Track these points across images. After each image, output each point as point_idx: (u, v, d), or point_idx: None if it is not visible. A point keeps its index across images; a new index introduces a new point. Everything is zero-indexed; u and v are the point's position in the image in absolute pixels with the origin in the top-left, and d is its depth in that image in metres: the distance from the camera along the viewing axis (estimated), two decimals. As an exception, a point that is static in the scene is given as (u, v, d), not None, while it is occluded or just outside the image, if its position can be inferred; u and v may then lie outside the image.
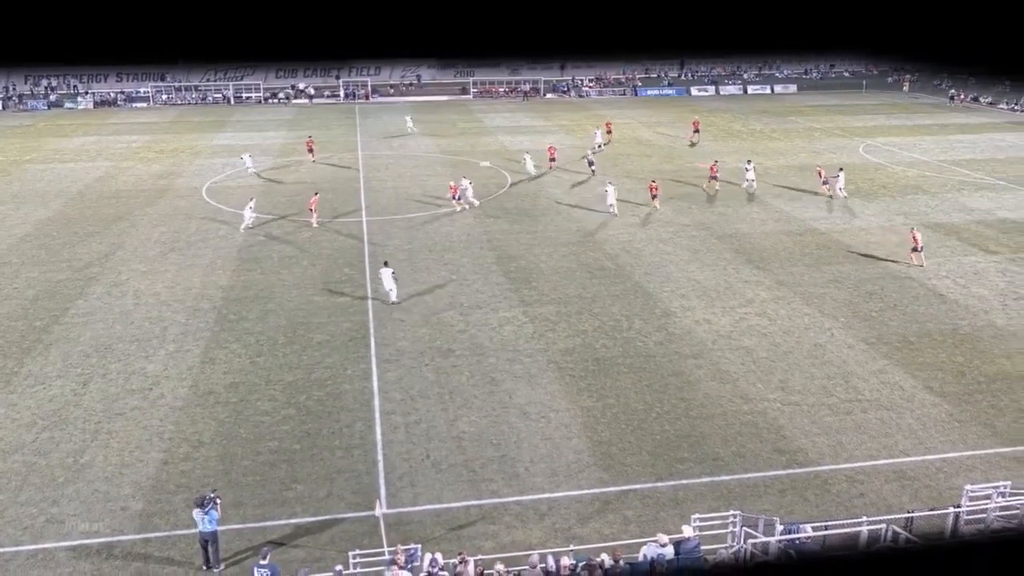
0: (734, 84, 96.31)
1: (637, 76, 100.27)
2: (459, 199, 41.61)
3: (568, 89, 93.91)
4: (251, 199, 40.10)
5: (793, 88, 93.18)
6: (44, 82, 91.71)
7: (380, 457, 20.25)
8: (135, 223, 39.60)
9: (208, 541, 16.24)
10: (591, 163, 49.37)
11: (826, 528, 15.99)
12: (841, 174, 43.58)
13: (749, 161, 46.46)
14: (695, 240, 36.84)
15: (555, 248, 35.82)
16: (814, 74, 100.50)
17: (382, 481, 19.31)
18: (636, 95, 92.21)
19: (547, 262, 34.05)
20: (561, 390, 23.50)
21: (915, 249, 33.11)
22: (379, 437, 21.10)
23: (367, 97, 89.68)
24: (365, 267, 33.37)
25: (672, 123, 70.01)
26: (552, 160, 50.25)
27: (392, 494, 18.83)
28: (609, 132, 61.28)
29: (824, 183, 43.75)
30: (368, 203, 43.20)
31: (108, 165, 52.16)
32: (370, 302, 29.76)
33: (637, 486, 19.14)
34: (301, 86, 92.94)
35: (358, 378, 24.19)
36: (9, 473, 19.47)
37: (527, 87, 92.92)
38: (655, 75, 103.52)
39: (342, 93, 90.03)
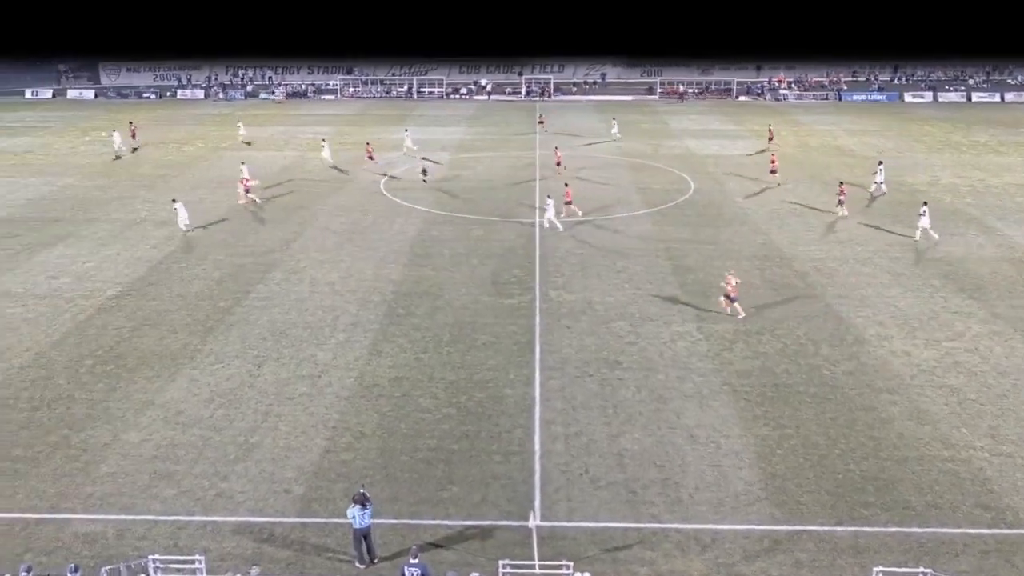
0: (956, 91, 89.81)
1: (843, 79, 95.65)
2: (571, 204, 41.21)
3: (763, 91, 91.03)
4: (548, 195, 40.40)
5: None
6: (243, 73, 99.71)
7: (537, 467, 20.44)
8: (316, 213, 42.20)
9: (365, 536, 16.99)
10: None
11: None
12: None
13: (880, 163, 45.77)
14: (898, 262, 34.64)
15: (738, 261, 34.78)
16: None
17: (537, 492, 19.48)
18: (840, 100, 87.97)
19: (728, 276, 33.11)
20: (734, 415, 22.78)
21: None
22: (538, 446, 21.31)
23: (547, 94, 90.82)
24: (535, 270, 33.84)
25: (880, 132, 66.29)
26: (774, 172, 48.04)
27: (547, 506, 18.95)
28: (771, 139, 59.37)
29: None
30: (542, 204, 43.71)
31: (295, 155, 55.89)
32: (538, 306, 30.14)
33: (813, 527, 18.22)
34: (483, 82, 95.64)
35: (520, 383, 24.55)
36: (187, 445, 21.29)
37: (682, 88, 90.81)
38: (863, 78, 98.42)
39: (523, 90, 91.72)
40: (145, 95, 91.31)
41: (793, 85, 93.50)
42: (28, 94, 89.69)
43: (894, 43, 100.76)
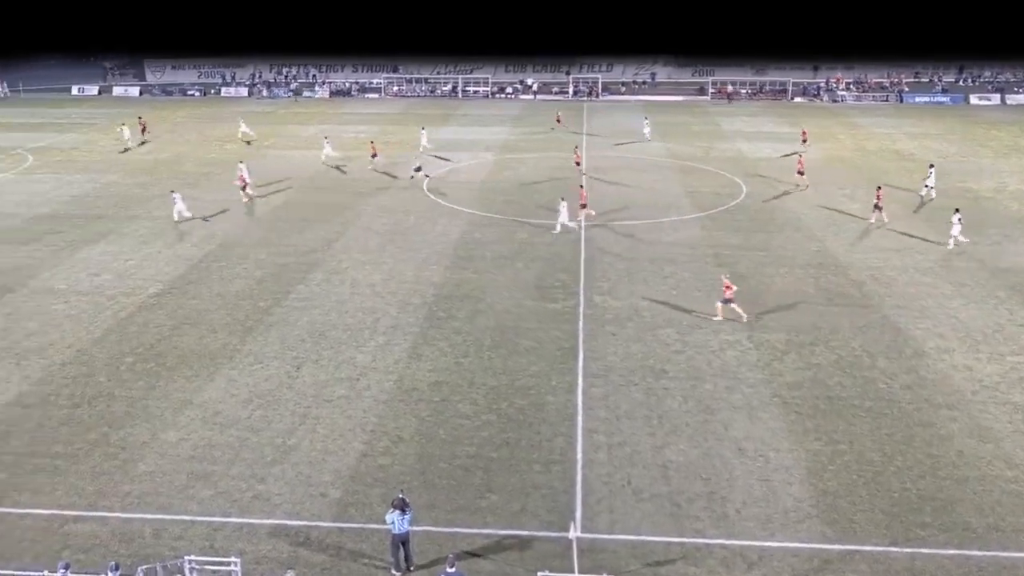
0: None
1: (904, 80, 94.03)
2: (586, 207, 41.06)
3: (819, 92, 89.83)
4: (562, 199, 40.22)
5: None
6: (287, 71, 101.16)
7: (579, 477, 20.39)
8: (359, 213, 42.64)
9: (403, 542, 17.09)
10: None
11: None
12: None
13: (931, 165, 45.55)
14: (962, 272, 33.92)
15: (790, 269, 34.37)
16: None
17: (579, 502, 19.43)
18: (901, 102, 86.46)
19: (780, 283, 32.76)
20: (784, 428, 22.49)
21: None
22: (580, 456, 21.26)
23: (594, 94, 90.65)
24: (580, 274, 33.78)
25: (943, 135, 65.05)
26: (801, 173, 47.81)
27: (588, 518, 18.89)
28: (804, 141, 59.14)
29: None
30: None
31: (338, 155, 56.48)
32: (582, 312, 30.08)
33: (866, 547, 17.91)
34: (529, 81, 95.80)
35: (563, 390, 24.52)
36: (224, 446, 21.63)
37: (730, 88, 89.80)
38: (926, 79, 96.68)
39: (571, 90, 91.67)
40: (189, 92, 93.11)
41: (852, 86, 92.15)
42: (75, 91, 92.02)
43: (960, 43, 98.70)
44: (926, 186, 44.87)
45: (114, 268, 34.47)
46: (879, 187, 41.69)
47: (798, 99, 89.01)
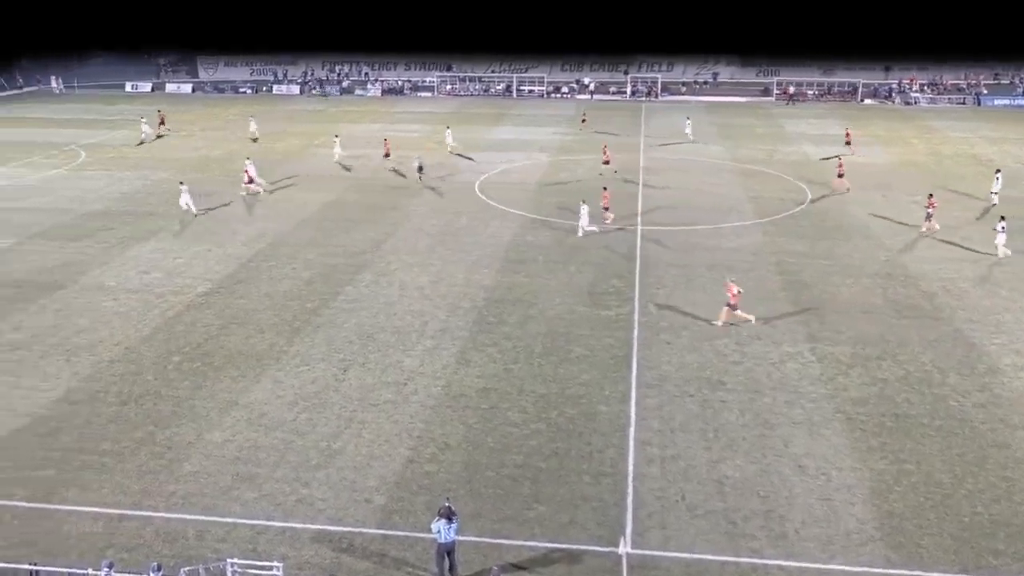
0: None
1: (983, 81, 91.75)
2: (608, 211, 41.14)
3: (891, 94, 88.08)
4: (583, 202, 40.13)
5: None
6: (339, 68, 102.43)
7: (630, 490, 20.25)
8: (408, 214, 42.97)
9: (449, 552, 17.14)
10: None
11: None
12: None
13: (998, 171, 45.31)
14: (1041, 285, 32.97)
15: (857, 279, 33.73)
16: None
17: (629, 517, 19.29)
18: (978, 104, 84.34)
19: (846, 294, 32.17)
20: (848, 445, 22.06)
21: None
22: (631, 468, 21.11)
23: (653, 94, 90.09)
24: (635, 280, 33.58)
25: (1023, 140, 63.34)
26: (841, 176, 47.37)
27: (639, 533, 18.74)
28: (848, 143, 58.37)
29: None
30: (645, 211, 43.45)
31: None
32: (636, 319, 29.89)
33: (933, 574, 17.46)
34: (586, 81, 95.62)
35: (615, 400, 24.38)
36: (269, 448, 21.94)
37: (792, 88, 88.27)
38: (1006, 81, 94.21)
39: (628, 90, 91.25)
40: (241, 90, 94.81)
41: (926, 87, 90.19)
42: (128, 87, 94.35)
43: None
44: (993, 192, 44.39)
45: (163, 266, 35.24)
46: (930, 194, 40.91)
47: (868, 101, 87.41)
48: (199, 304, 31.32)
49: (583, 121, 69.89)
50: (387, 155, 54.66)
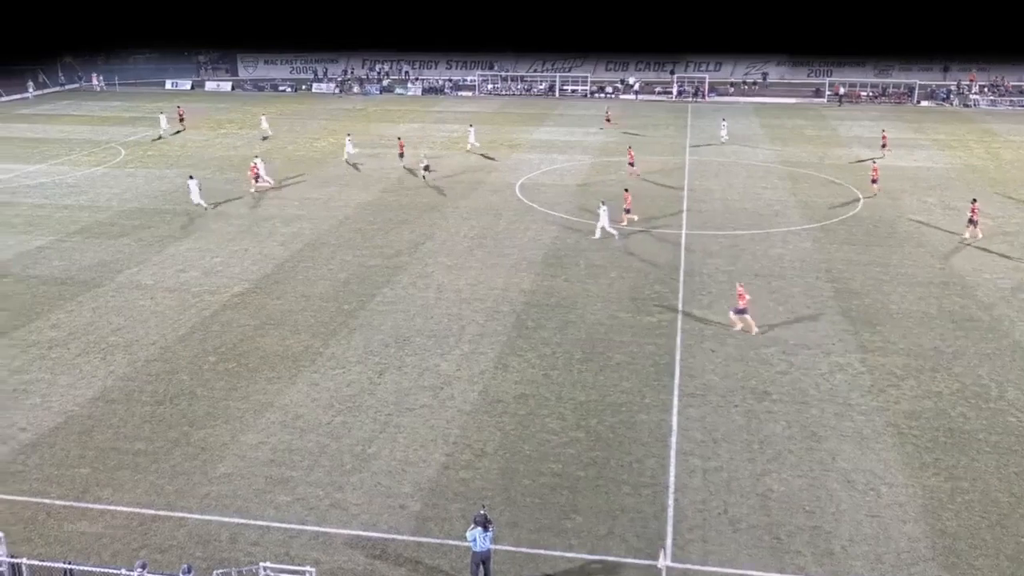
0: None
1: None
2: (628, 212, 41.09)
3: (949, 96, 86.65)
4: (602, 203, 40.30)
5: None
6: (379, 67, 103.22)
7: (671, 502, 20.14)
8: (446, 215, 43.16)
9: (484, 561, 17.17)
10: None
11: None
12: None
13: None
14: (1106, 296, 32.21)
15: (911, 287, 33.23)
16: None
17: (670, 529, 19.18)
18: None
19: (899, 303, 31.71)
20: (899, 460, 21.73)
21: None
22: (672, 479, 20.99)
23: (700, 95, 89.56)
24: (679, 286, 33.40)
25: (1090, 145, 61.98)
26: (874, 182, 46.90)
27: (679, 546, 18.63)
28: (884, 146, 58.15)
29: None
30: (690, 214, 43.20)
31: (428, 154, 57.30)
32: (679, 326, 29.73)
33: (988, 597, 17.15)
34: (631, 80, 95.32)
35: (656, 409, 24.27)
36: (303, 451, 22.17)
37: (842, 89, 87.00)
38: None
39: (674, 90, 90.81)
40: (281, 88, 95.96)
41: (986, 89, 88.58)
42: (168, 85, 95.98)
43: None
44: None
45: (200, 265, 35.78)
46: (974, 200, 40.20)
47: (925, 103, 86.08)
48: (235, 304, 31.74)
49: (607, 120, 69.69)
50: (401, 154, 54.94)
